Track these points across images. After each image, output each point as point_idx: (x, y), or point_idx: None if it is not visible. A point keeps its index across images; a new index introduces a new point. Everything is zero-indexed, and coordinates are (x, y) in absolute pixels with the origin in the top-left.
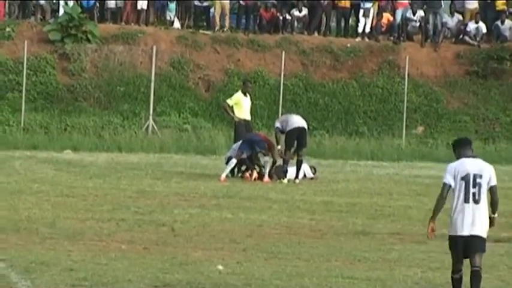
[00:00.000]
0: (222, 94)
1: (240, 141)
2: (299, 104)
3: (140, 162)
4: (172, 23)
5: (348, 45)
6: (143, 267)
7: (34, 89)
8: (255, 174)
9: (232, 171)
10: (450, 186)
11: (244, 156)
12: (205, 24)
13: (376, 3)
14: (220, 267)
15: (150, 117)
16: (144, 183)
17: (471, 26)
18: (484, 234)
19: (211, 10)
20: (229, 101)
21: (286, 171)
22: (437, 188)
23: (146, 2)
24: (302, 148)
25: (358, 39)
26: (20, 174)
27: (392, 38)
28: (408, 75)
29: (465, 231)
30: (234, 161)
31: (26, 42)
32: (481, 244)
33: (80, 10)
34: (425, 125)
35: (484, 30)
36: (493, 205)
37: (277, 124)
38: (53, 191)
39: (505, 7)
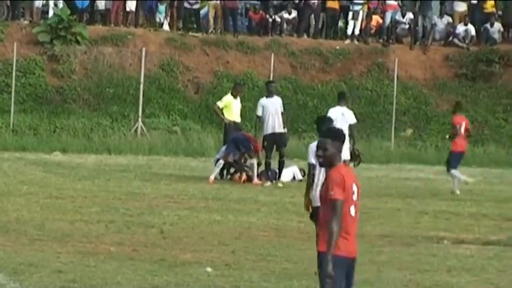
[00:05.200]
0: (211, 96)
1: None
2: (288, 107)
3: (129, 164)
4: (161, 25)
5: (337, 47)
6: (132, 269)
7: (23, 90)
8: (244, 177)
9: (221, 173)
10: (314, 165)
11: (231, 159)
12: (195, 26)
13: (366, 6)
14: (209, 269)
15: (139, 119)
16: (133, 185)
17: (460, 28)
18: None
19: (202, 12)
20: (220, 103)
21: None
22: (426, 191)
23: (135, 3)
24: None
25: (348, 41)
26: (8, 176)
27: (381, 40)
28: (397, 77)
29: None
30: (221, 162)
31: (15, 43)
32: None
33: (69, 12)
34: (414, 128)
35: (473, 32)
36: None
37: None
38: (42, 193)
39: (493, 9)
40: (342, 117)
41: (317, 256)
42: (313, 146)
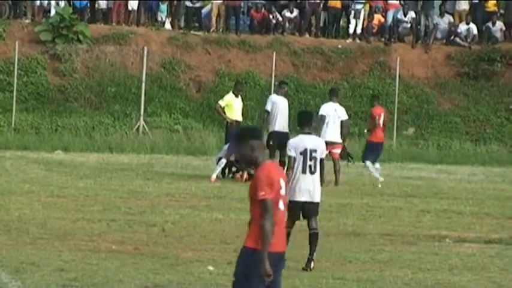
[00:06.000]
0: (213, 95)
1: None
2: (290, 106)
3: (131, 163)
4: (163, 23)
5: (339, 46)
6: (134, 268)
7: (25, 89)
8: (245, 175)
9: (223, 172)
10: (294, 158)
11: (233, 158)
12: (197, 25)
13: (367, 5)
14: (210, 267)
15: (141, 118)
16: (134, 184)
17: (462, 27)
18: (318, 200)
19: (204, 11)
20: (221, 102)
21: None
22: (427, 190)
23: (137, 2)
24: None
25: (349, 40)
26: (10, 175)
27: (383, 39)
28: (399, 76)
29: (303, 198)
30: (223, 161)
31: (17, 42)
32: (316, 209)
33: (71, 11)
34: (416, 126)
35: (475, 31)
36: (321, 175)
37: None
38: (44, 192)
39: (495, 8)
40: (334, 112)
41: (241, 251)
42: (293, 142)
